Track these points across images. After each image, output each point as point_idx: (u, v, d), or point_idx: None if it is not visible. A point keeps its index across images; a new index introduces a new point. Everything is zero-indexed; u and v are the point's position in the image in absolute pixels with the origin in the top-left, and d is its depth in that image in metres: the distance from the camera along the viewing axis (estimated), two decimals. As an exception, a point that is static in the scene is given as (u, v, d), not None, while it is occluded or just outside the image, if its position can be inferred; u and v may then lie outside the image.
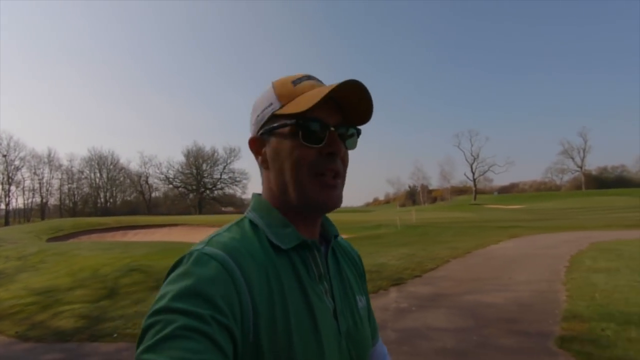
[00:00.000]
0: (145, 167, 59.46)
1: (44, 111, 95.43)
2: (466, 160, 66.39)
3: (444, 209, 36.76)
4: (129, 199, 64.21)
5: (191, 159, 58.83)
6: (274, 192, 0.60)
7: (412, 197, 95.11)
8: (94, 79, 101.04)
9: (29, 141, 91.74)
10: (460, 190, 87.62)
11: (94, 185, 59.46)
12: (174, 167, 58.73)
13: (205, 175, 60.26)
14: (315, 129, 0.56)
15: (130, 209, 59.75)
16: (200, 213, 54.07)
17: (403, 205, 79.35)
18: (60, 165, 56.94)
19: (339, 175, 0.59)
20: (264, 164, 0.62)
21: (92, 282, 7.07)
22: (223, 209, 61.53)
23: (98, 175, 58.90)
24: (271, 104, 0.59)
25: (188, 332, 0.41)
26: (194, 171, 59.25)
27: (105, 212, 54.52)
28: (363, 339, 0.63)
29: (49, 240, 18.56)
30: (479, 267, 7.35)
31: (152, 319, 0.43)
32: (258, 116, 0.61)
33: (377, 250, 9.99)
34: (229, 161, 60.24)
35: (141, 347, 0.41)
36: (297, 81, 0.60)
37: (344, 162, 0.60)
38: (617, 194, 46.04)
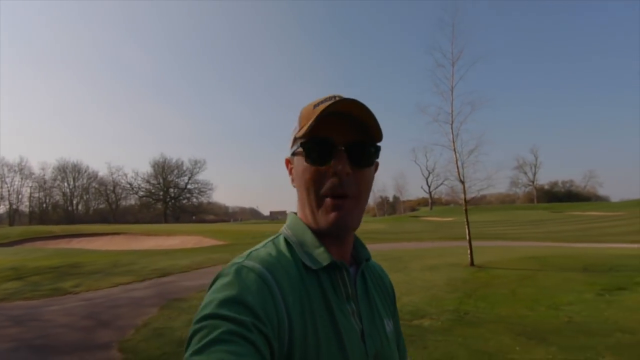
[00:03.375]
0: (112, 177, 62.05)
1: (21, 118, 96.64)
2: (422, 174, 70.67)
3: (376, 221, 40.20)
4: (102, 207, 66.52)
5: (158, 170, 61.65)
6: (303, 210, 0.63)
7: (382, 208, 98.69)
8: (67, 88, 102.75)
9: (2, 150, 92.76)
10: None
11: (67, 194, 61.61)
12: (140, 177, 61.47)
13: (172, 185, 63.05)
14: (318, 149, 0.58)
15: (101, 217, 61.97)
16: (167, 222, 56.70)
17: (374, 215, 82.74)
18: (32, 174, 59.10)
19: (346, 196, 0.58)
20: (292, 183, 0.65)
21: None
22: (194, 217, 64.20)
23: (66, 184, 61.09)
24: (296, 127, 0.63)
25: (232, 337, 0.44)
26: (161, 181, 62.06)
27: (74, 220, 56.79)
28: None
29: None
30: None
31: (198, 325, 0.46)
32: (290, 139, 0.65)
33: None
34: (194, 172, 63.15)
35: (189, 351, 0.43)
36: (318, 104, 0.61)
37: (359, 182, 0.60)
38: (551, 209, 50.21)
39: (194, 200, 65.67)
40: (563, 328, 4.49)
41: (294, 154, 0.63)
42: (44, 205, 61.07)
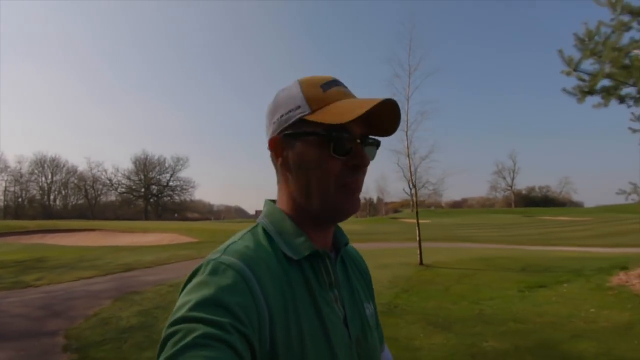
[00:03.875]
0: (91, 172, 61.07)
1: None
2: (404, 176, 72.64)
3: (355, 222, 40.91)
4: (80, 202, 65.28)
5: (139, 166, 60.98)
6: (294, 196, 0.60)
7: (365, 209, 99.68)
8: (45, 79, 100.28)
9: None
10: (415, 204, 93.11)
11: (44, 188, 60.22)
12: (120, 173, 60.74)
13: (153, 182, 62.45)
14: (346, 142, 0.57)
15: (80, 212, 60.80)
16: (147, 219, 56.12)
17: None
18: (7, 167, 57.57)
19: (360, 185, 0.60)
20: (284, 167, 0.61)
21: None
22: (176, 215, 63.71)
23: (43, 178, 59.74)
24: (299, 106, 0.58)
25: (209, 341, 0.41)
26: (142, 177, 61.37)
27: (51, 215, 55.58)
28: (372, 345, 0.65)
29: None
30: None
31: (172, 329, 0.43)
32: (282, 116, 0.60)
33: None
34: (176, 169, 62.71)
35: (162, 356, 0.41)
36: (325, 86, 0.59)
37: (365, 172, 0.61)
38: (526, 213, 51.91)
39: (176, 197, 65.20)
40: (469, 319, 5.06)
41: (296, 137, 0.58)
42: (20, 199, 59.55)
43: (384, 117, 0.59)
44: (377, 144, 0.64)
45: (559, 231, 24.63)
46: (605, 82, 5.17)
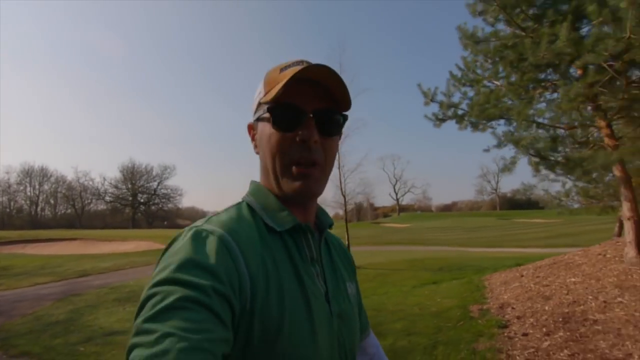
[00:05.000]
0: (79, 182, 61.76)
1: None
2: (390, 181, 73.94)
3: (336, 227, 41.83)
4: (69, 211, 65.75)
5: (127, 175, 61.72)
6: (266, 176, 0.63)
7: (352, 214, 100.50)
8: (33, 87, 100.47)
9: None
10: (402, 208, 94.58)
11: (32, 198, 60.65)
12: (107, 182, 61.49)
13: (141, 190, 63.15)
14: (286, 115, 0.57)
15: (68, 222, 61.26)
16: (135, 227, 56.70)
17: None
18: (-6, 178, 57.97)
19: (317, 163, 0.59)
20: (255, 150, 0.65)
21: None
22: (166, 222, 64.35)
23: (31, 188, 60.26)
24: (260, 92, 0.62)
25: (188, 303, 0.42)
26: (129, 186, 62.07)
27: (39, 225, 56.02)
28: (353, 322, 0.66)
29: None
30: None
31: (152, 290, 0.44)
32: (253, 104, 0.64)
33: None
34: (163, 177, 63.53)
35: (141, 317, 0.42)
36: (285, 68, 0.60)
37: (326, 150, 0.60)
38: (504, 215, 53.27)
39: (164, 206, 65.90)
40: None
41: (258, 119, 0.62)
42: (8, 209, 59.92)
43: (334, 90, 0.59)
44: (342, 119, 0.62)
45: (517, 233, 25.86)
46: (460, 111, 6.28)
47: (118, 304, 6.90)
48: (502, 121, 5.89)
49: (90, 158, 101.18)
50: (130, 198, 62.34)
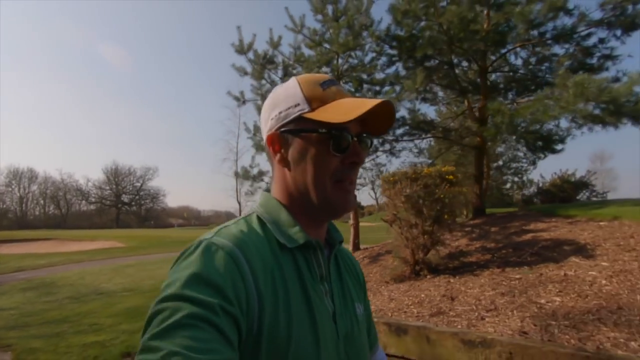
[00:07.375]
0: (63, 183, 62.99)
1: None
2: (369, 181, 75.36)
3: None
4: (56, 212, 66.60)
5: (110, 176, 62.84)
6: (290, 190, 0.62)
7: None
8: (17, 90, 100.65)
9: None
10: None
11: (20, 198, 61.67)
12: (91, 183, 62.79)
13: (126, 191, 64.29)
14: (345, 140, 0.59)
15: (55, 222, 62.15)
16: (119, 227, 57.73)
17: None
18: (-20, 179, 58.77)
19: (354, 182, 0.63)
20: (281, 163, 0.62)
21: None
22: (152, 222, 65.35)
23: (20, 189, 61.36)
24: (298, 104, 0.60)
25: (195, 321, 0.42)
26: (113, 187, 63.21)
27: (27, 225, 57.03)
28: (360, 344, 0.65)
29: None
30: None
31: (159, 306, 0.44)
32: (281, 113, 0.61)
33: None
34: (146, 178, 64.70)
35: (148, 334, 0.41)
36: (324, 84, 0.61)
37: (358, 170, 0.64)
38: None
39: (147, 206, 67.06)
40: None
41: (296, 133, 0.60)
42: (-3, 209, 60.87)
43: (379, 118, 0.61)
44: (371, 143, 0.65)
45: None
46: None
47: (21, 291, 8.00)
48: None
49: (76, 160, 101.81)
50: (114, 198, 63.44)
